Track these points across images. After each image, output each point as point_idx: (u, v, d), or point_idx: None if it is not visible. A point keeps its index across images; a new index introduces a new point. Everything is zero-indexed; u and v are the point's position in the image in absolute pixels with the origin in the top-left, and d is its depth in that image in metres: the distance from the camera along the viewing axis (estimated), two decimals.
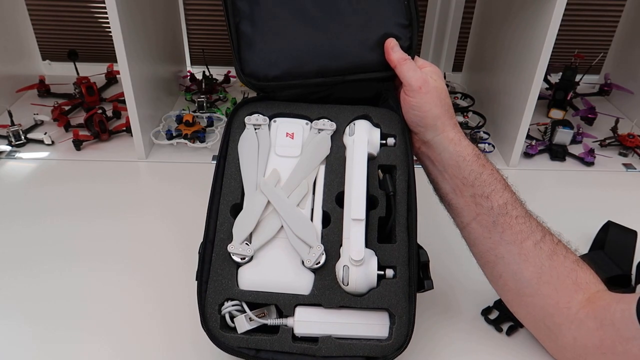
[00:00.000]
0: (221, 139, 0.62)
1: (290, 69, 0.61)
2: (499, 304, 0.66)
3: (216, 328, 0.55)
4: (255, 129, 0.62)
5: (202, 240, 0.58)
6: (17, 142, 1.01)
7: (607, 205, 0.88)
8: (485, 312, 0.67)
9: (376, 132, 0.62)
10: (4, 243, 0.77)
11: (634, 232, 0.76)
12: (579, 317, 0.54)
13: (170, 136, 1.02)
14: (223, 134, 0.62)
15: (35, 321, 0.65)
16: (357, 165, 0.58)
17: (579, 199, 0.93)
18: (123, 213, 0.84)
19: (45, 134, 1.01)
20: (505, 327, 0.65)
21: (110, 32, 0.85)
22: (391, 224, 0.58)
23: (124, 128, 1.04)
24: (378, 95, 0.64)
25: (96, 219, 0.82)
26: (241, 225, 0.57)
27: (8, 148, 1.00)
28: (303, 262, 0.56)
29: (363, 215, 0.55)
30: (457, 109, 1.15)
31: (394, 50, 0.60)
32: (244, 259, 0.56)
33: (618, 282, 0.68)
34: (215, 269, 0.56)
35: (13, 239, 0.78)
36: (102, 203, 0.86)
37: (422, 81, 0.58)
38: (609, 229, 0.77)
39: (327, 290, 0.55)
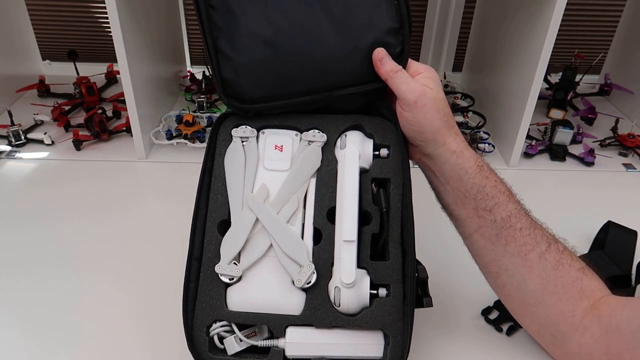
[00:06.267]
0: (205, 150, 0.59)
1: (275, 89, 0.57)
2: (499, 304, 0.66)
3: (204, 351, 0.53)
4: (242, 141, 0.59)
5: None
6: (17, 142, 1.01)
7: (607, 205, 0.88)
8: (485, 312, 0.67)
9: (369, 144, 0.59)
10: (4, 243, 0.77)
11: (634, 232, 0.76)
12: (584, 324, 0.53)
13: (170, 136, 1.02)
14: (207, 145, 0.59)
15: (30, 326, 0.64)
16: (348, 184, 0.56)
17: (579, 199, 0.93)
18: (123, 213, 0.84)
19: (45, 134, 1.01)
20: (505, 327, 0.65)
21: (110, 32, 0.85)
22: (383, 241, 0.56)
23: (124, 128, 1.04)
24: (370, 103, 0.61)
25: (96, 219, 0.82)
26: (229, 245, 0.55)
27: (8, 148, 1.00)
28: (293, 282, 0.54)
29: (354, 237, 0.54)
30: (457, 109, 1.15)
31: (382, 62, 0.56)
32: (232, 279, 0.54)
33: (618, 282, 0.68)
34: (203, 290, 0.54)
35: (12, 239, 0.78)
36: (102, 203, 0.86)
37: (418, 94, 0.54)
38: (609, 229, 0.77)
39: (319, 310, 0.53)
